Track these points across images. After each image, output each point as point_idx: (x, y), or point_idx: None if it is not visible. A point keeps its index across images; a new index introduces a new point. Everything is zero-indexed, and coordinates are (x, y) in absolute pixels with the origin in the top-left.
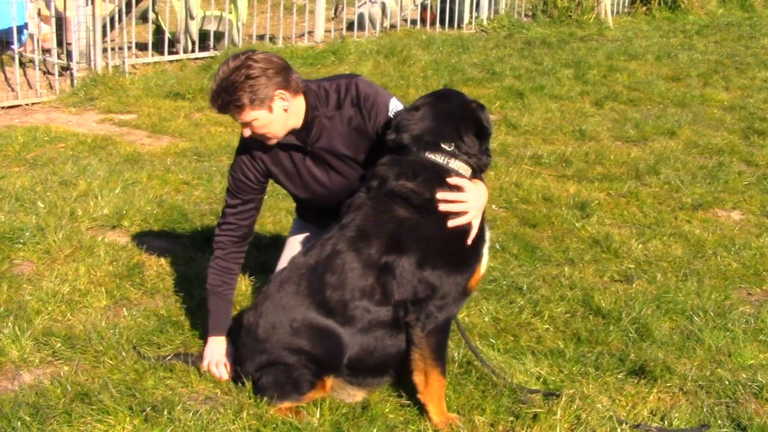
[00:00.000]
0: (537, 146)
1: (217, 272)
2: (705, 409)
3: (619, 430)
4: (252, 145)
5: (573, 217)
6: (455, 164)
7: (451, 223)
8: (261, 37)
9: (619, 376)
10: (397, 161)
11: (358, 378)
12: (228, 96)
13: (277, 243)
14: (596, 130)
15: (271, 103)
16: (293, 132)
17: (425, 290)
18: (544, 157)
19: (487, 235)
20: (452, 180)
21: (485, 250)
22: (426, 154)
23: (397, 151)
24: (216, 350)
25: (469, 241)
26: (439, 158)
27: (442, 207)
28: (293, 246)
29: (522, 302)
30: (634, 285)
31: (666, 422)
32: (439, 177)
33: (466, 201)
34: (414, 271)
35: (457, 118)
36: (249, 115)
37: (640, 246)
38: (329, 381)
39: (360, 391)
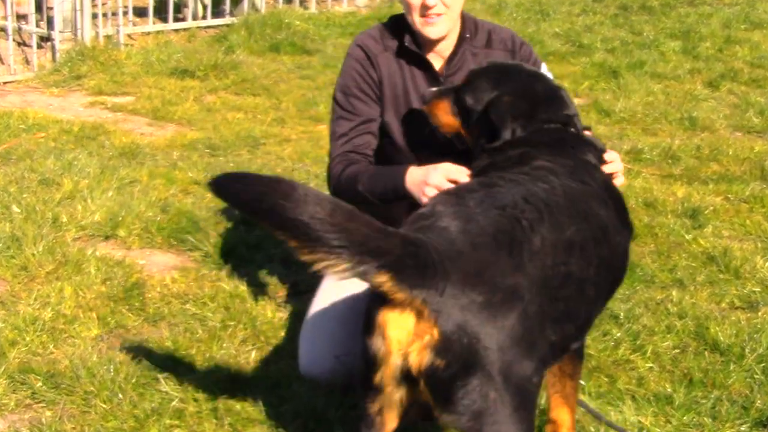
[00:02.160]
0: (636, 138)
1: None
2: None
3: None
4: (368, 51)
5: (682, 227)
6: None
7: None
8: (290, 1)
9: (742, 428)
10: None
11: None
12: None
13: None
14: (710, 118)
15: None
16: (436, 49)
17: None
18: (645, 151)
19: None
20: None
21: None
22: None
23: None
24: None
25: None
26: None
27: None
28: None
29: (619, 334)
30: (760, 313)
31: None
32: None
33: None
34: None
35: None
36: None
37: (767, 264)
38: None
39: None
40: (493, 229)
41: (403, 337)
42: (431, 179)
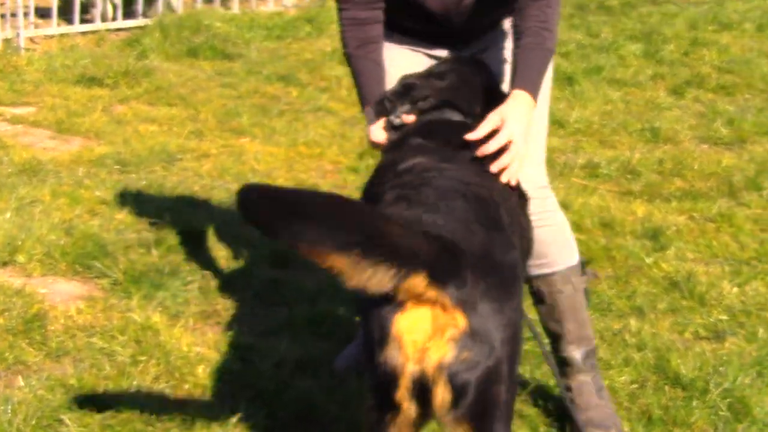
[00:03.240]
0: (592, 151)
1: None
2: None
3: None
4: None
5: (642, 249)
6: None
7: None
8: (209, 0)
9: None
10: None
11: None
12: None
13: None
14: (674, 129)
15: None
16: None
17: None
18: (603, 166)
19: None
20: None
21: None
22: None
23: None
24: None
25: None
26: None
27: None
28: None
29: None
30: (726, 344)
31: None
32: None
33: None
34: None
35: None
36: None
37: (735, 290)
38: None
39: None
40: (473, 213)
41: (420, 338)
42: None
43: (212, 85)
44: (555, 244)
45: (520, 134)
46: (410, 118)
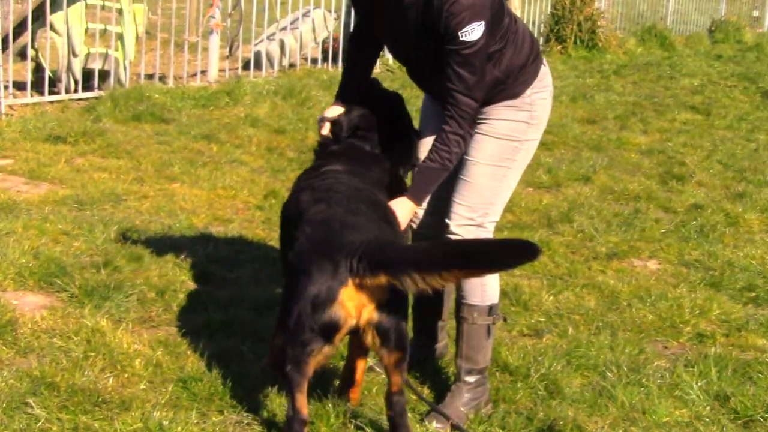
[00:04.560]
0: None
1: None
2: None
3: None
4: None
5: None
6: None
7: None
8: (150, 77)
9: None
10: None
11: None
12: None
13: None
14: None
15: None
16: None
17: None
18: None
19: None
20: None
21: None
22: None
23: None
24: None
25: None
26: None
27: None
28: None
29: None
30: (543, 339)
31: None
32: None
33: None
34: None
35: None
36: None
37: (551, 298)
38: None
39: None
40: (376, 213)
41: (357, 304)
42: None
43: (151, 143)
44: (469, 282)
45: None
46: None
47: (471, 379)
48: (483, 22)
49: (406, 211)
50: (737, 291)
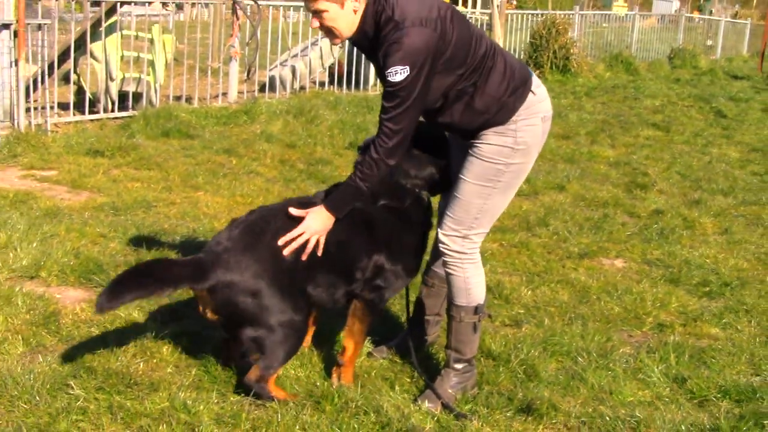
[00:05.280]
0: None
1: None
2: None
3: None
4: None
5: None
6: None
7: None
8: (178, 98)
9: (507, 414)
10: None
11: None
12: None
13: None
14: None
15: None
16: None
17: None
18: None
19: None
20: None
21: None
22: None
23: None
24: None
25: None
26: None
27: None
28: None
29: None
30: (523, 329)
31: None
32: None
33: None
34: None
35: None
36: (321, 5)
37: (529, 292)
38: None
39: None
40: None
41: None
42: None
43: (178, 156)
44: (454, 285)
45: (313, 228)
46: None
47: (459, 366)
48: (408, 68)
49: (319, 218)
50: (693, 286)
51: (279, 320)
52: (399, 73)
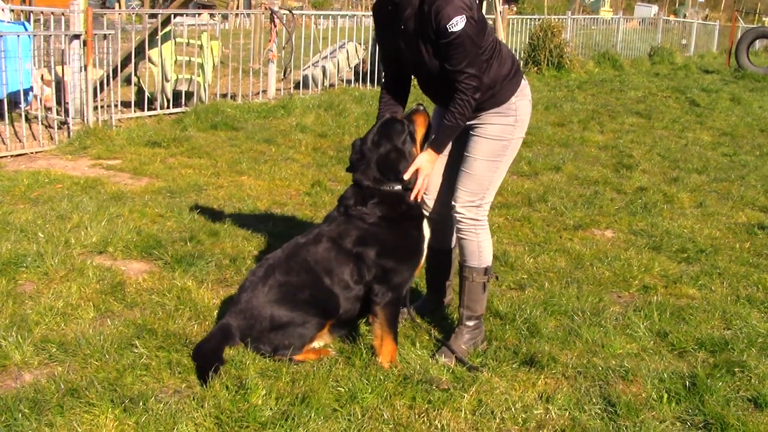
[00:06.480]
0: None
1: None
2: (582, 390)
3: (513, 409)
4: None
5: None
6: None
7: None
8: (224, 96)
9: (513, 366)
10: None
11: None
12: None
13: None
14: None
15: None
16: None
17: (383, 274)
18: None
19: (427, 233)
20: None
21: (424, 247)
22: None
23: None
24: None
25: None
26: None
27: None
28: None
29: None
30: (526, 292)
31: (551, 403)
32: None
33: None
34: (375, 260)
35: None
36: None
37: (531, 260)
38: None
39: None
40: None
41: None
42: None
43: (225, 146)
44: (467, 249)
45: (425, 168)
46: None
47: (470, 323)
48: (465, 16)
49: (428, 158)
50: (673, 252)
51: None
52: (458, 24)
